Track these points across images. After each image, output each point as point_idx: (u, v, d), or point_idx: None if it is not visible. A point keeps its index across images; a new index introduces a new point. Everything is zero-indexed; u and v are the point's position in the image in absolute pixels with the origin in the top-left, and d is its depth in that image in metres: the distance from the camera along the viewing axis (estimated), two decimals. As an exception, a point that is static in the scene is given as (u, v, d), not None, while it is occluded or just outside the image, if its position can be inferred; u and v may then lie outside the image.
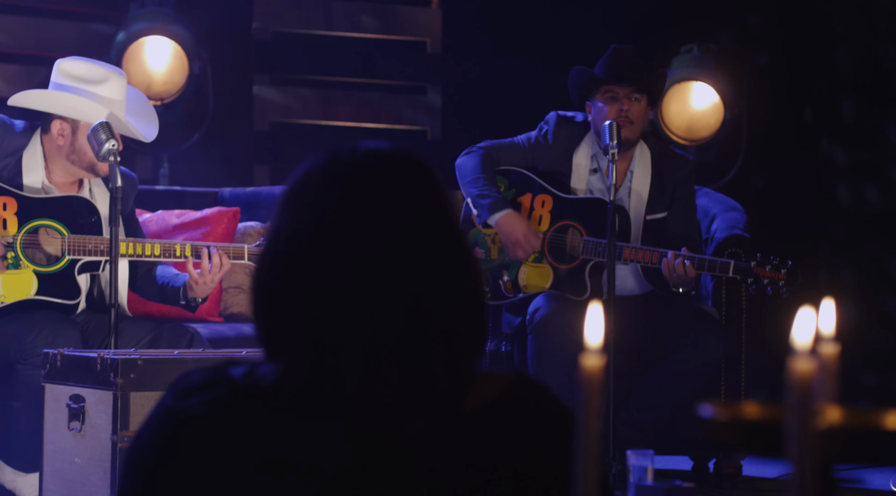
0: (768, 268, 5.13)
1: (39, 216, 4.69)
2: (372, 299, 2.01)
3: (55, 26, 7.48)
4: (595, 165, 5.46)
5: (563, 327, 5.17)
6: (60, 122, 4.79)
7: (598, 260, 5.31)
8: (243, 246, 4.85)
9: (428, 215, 2.09)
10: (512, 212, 5.35)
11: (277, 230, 2.12)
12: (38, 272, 4.68)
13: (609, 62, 5.41)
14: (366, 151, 2.14)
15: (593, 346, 1.53)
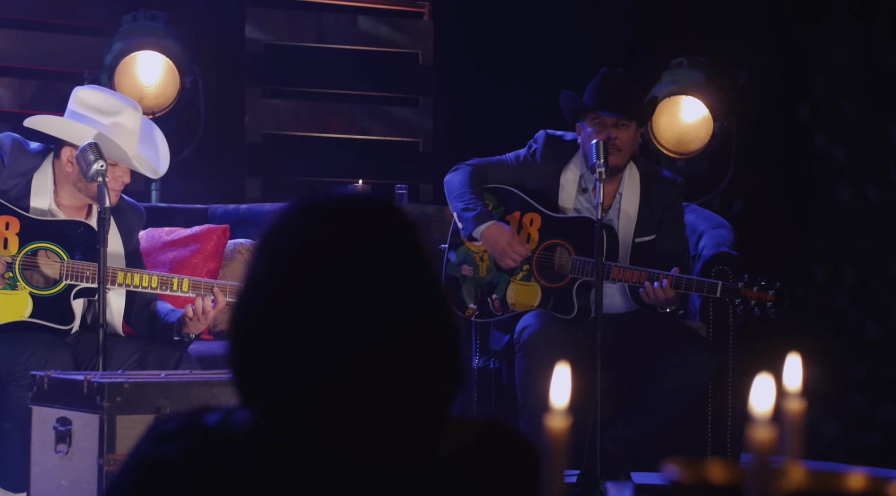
0: (756, 290, 5.14)
1: (41, 238, 4.72)
2: (346, 346, 2.02)
3: (47, 39, 7.49)
4: (584, 185, 5.47)
5: (550, 345, 5.19)
6: (71, 150, 4.82)
7: (585, 279, 5.32)
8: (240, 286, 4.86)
9: (403, 262, 2.11)
10: (496, 223, 5.36)
11: (252, 276, 2.13)
12: (34, 295, 4.69)
13: (598, 89, 5.41)
14: (340, 198, 2.16)
15: (558, 407, 1.54)
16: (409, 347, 2.04)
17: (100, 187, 4.59)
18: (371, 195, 2.18)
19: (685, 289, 5.18)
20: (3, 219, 4.70)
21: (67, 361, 4.52)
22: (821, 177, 7.20)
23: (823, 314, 6.98)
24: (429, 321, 2.08)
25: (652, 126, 7.14)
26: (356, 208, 2.16)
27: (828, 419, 6.91)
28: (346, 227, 2.13)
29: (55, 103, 7.43)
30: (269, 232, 2.18)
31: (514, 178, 5.53)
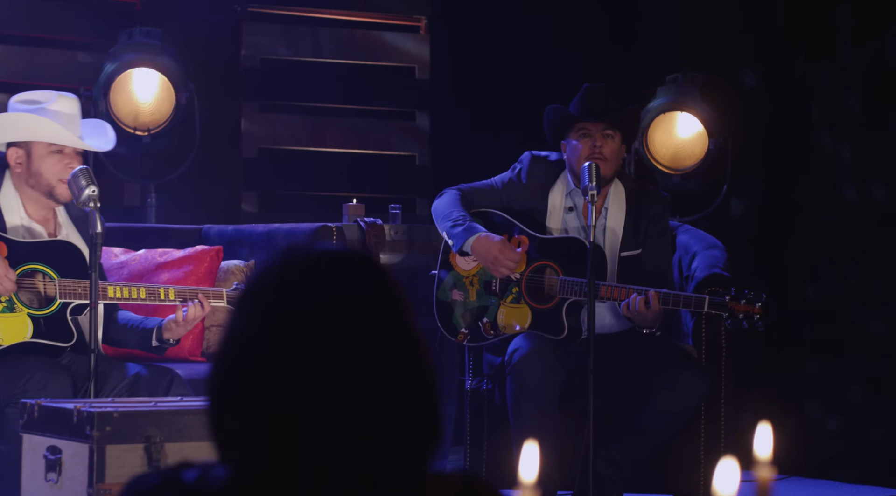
0: (743, 303, 5.15)
1: (30, 260, 4.73)
2: (324, 401, 2.03)
3: (43, 55, 7.50)
4: (570, 203, 5.48)
5: (541, 367, 5.20)
6: (14, 149, 4.83)
7: (575, 299, 5.33)
8: (222, 290, 4.88)
9: (382, 319, 2.12)
10: (484, 234, 5.37)
11: (231, 331, 2.14)
12: (33, 315, 4.71)
13: (582, 100, 5.45)
14: (318, 254, 2.17)
15: (527, 484, 1.55)
16: (392, 402, 2.04)
17: (91, 213, 4.60)
18: (349, 250, 2.18)
19: (673, 305, 5.18)
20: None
21: (66, 386, 4.54)
22: (817, 189, 7.21)
23: (821, 310, 6.99)
24: (405, 369, 2.09)
25: (647, 141, 7.15)
26: (334, 263, 2.16)
27: (830, 413, 6.92)
28: (323, 281, 2.13)
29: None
30: (248, 289, 2.19)
31: (500, 200, 5.55)
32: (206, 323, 5.56)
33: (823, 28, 7.21)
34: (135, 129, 6.94)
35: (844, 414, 6.89)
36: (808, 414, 6.96)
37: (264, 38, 7.89)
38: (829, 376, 6.95)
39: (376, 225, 6.27)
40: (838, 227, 7.07)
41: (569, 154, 5.44)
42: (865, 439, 6.81)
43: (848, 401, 6.89)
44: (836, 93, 7.13)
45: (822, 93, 7.20)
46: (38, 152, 4.80)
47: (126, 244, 5.70)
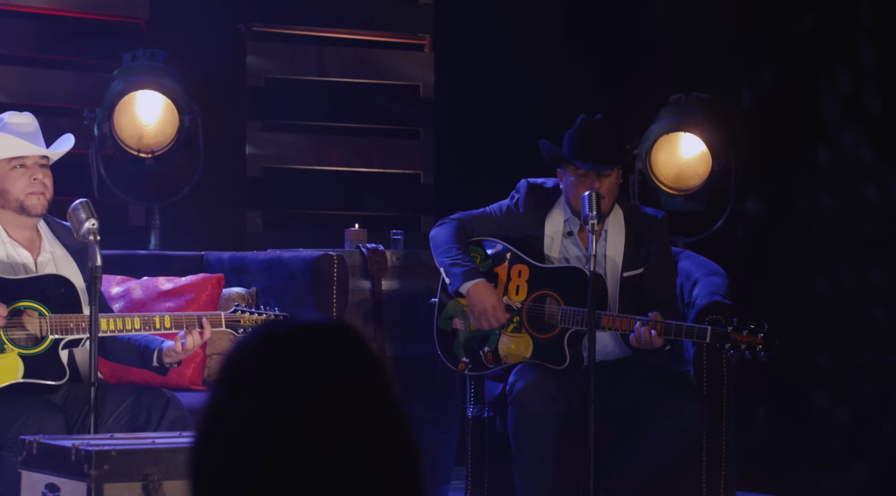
0: (745, 333, 5.16)
1: (18, 297, 4.70)
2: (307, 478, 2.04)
3: (48, 76, 7.52)
4: (569, 229, 5.49)
5: (542, 397, 5.21)
6: None
7: (576, 328, 5.34)
8: (220, 314, 4.89)
9: (366, 393, 2.13)
10: (484, 282, 5.39)
11: (213, 405, 2.15)
12: (23, 354, 4.69)
13: (576, 139, 5.42)
14: (301, 325, 2.17)
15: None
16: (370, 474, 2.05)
17: (91, 246, 4.60)
18: (332, 322, 2.19)
19: (675, 335, 5.19)
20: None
21: (59, 426, 4.54)
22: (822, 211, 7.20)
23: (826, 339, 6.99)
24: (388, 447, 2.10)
25: (650, 162, 7.15)
26: (316, 336, 2.17)
27: (839, 405, 6.92)
28: (306, 354, 2.14)
29: (54, 138, 7.45)
30: (229, 362, 2.20)
31: (499, 229, 5.55)
32: (207, 351, 5.57)
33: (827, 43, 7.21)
34: (139, 151, 6.95)
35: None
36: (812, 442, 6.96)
37: (269, 58, 7.91)
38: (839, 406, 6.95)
39: (378, 251, 6.28)
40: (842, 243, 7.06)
41: (565, 185, 5.45)
42: (871, 469, 6.81)
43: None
44: (848, 104, 7.14)
45: (830, 105, 7.20)
46: (1, 171, 4.81)
47: (127, 272, 5.71)
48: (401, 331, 6.27)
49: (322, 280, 5.47)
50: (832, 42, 7.19)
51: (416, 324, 5.93)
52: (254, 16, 7.88)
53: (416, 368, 6.22)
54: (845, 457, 6.85)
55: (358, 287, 6.21)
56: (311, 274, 5.48)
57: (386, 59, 8.12)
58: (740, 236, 7.45)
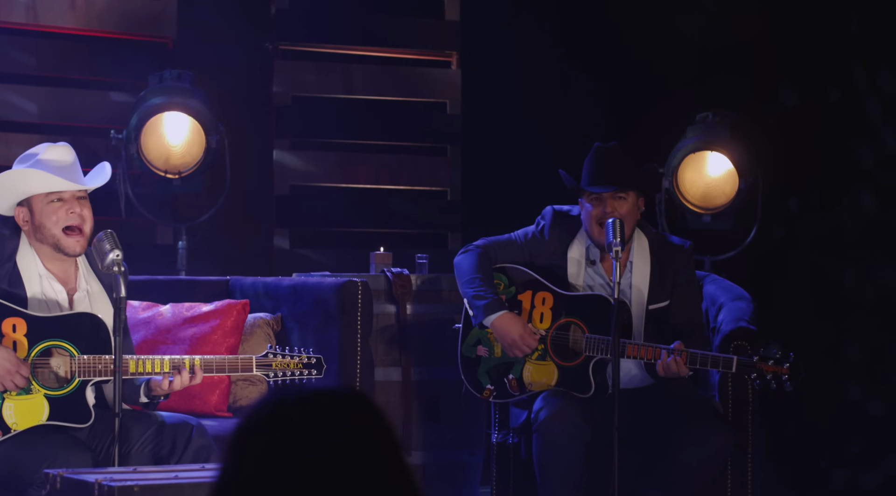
0: (771, 363, 5.14)
1: (49, 337, 4.68)
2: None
3: (76, 96, 7.55)
4: (591, 259, 5.48)
5: (567, 426, 5.21)
6: (20, 209, 4.82)
7: (601, 357, 5.33)
8: (251, 358, 4.87)
9: (375, 458, 2.13)
10: (507, 313, 5.39)
11: (224, 474, 2.16)
12: (49, 396, 4.67)
13: (590, 165, 5.43)
14: (311, 395, 2.18)
15: None
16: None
17: (116, 277, 4.60)
18: (342, 390, 2.20)
19: (700, 365, 5.18)
20: (8, 321, 4.67)
21: (86, 464, 4.54)
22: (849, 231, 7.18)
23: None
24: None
25: (677, 181, 7.14)
26: (326, 404, 2.18)
27: (871, 397, 6.89)
28: (315, 424, 2.15)
29: (83, 159, 7.48)
30: (240, 429, 2.20)
31: (522, 256, 5.54)
32: (232, 377, 5.58)
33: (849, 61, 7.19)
34: (165, 172, 6.98)
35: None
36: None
37: (296, 76, 7.92)
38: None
39: (403, 275, 6.29)
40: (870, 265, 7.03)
41: (583, 215, 5.45)
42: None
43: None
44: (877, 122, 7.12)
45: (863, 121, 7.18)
46: (39, 206, 4.80)
47: (153, 297, 5.73)
48: (426, 356, 6.28)
49: (347, 306, 5.48)
50: (866, 54, 7.17)
51: (441, 348, 5.94)
52: (281, 34, 7.89)
53: (441, 392, 6.23)
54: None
55: (383, 311, 6.22)
56: (336, 300, 5.49)
57: (413, 76, 8.13)
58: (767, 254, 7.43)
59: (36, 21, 7.48)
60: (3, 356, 4.59)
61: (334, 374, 5.45)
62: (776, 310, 7.02)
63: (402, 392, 6.23)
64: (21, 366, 4.61)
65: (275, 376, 4.89)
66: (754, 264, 7.19)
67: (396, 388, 6.25)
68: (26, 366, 4.62)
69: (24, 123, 7.48)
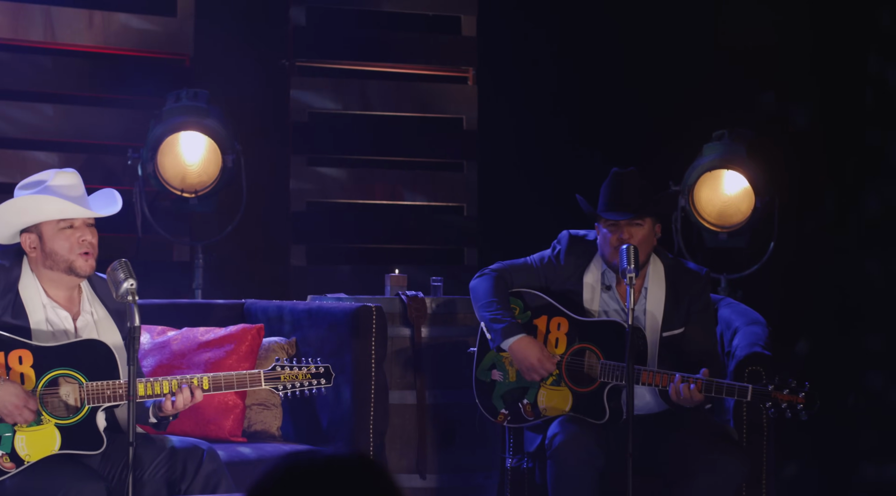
0: (786, 392, 5.13)
1: (56, 365, 4.68)
2: None
3: (93, 114, 7.57)
4: (607, 282, 5.48)
5: (581, 452, 5.21)
6: (27, 235, 4.80)
7: (616, 383, 5.33)
8: (259, 372, 4.88)
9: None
10: (525, 336, 5.39)
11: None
12: (60, 425, 4.68)
13: (607, 191, 5.43)
14: (323, 460, 2.19)
15: None
16: None
17: (130, 306, 4.60)
18: (353, 456, 2.21)
19: (716, 392, 5.17)
20: (14, 354, 4.67)
21: (100, 495, 4.55)
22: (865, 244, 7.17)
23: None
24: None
25: (693, 199, 7.13)
26: (338, 471, 2.19)
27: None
28: (326, 490, 2.16)
29: (100, 177, 7.52)
30: (252, 493, 2.22)
31: (538, 280, 5.55)
32: (246, 401, 5.59)
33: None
34: (182, 190, 7.00)
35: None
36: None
37: (312, 92, 7.93)
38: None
39: (417, 298, 6.29)
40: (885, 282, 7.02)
41: (600, 240, 5.45)
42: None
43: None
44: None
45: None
46: (49, 232, 4.80)
47: (168, 321, 5.74)
48: (440, 379, 6.29)
49: (361, 331, 5.49)
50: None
51: (456, 371, 5.94)
52: (297, 51, 7.91)
53: (456, 415, 6.24)
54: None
55: (397, 334, 6.23)
56: (350, 325, 5.50)
57: (429, 91, 8.14)
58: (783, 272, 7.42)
59: (53, 39, 7.50)
60: (10, 391, 4.60)
61: (349, 399, 5.46)
62: (793, 329, 7.01)
63: (417, 415, 6.24)
64: (29, 400, 4.62)
65: (284, 389, 4.90)
66: (771, 282, 7.18)
67: (411, 411, 6.25)
68: (34, 399, 4.63)
69: (42, 141, 7.50)
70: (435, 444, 6.28)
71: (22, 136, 7.44)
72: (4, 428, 4.63)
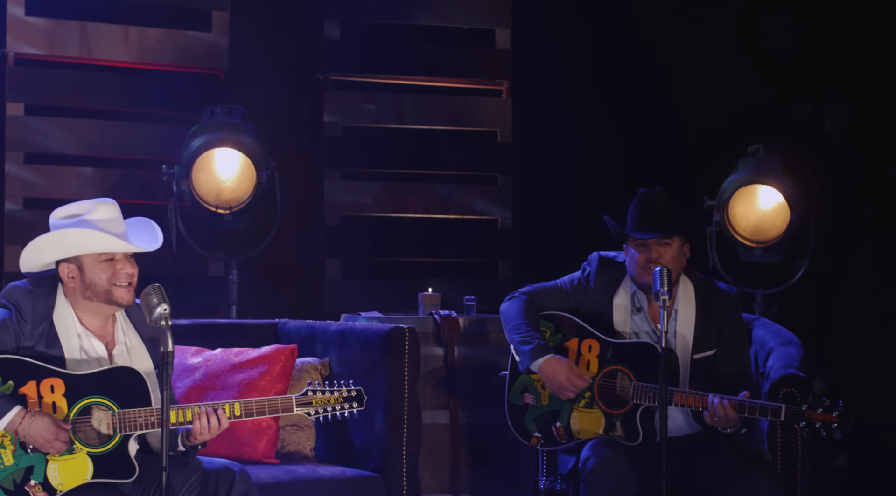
0: (820, 411, 5.11)
1: (88, 393, 4.69)
2: None
3: (129, 129, 7.60)
4: (637, 304, 5.47)
5: (614, 474, 5.19)
6: (66, 265, 4.80)
7: (649, 405, 5.31)
8: (290, 398, 4.88)
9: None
10: (553, 356, 5.38)
11: None
12: (92, 454, 4.70)
13: (635, 212, 5.42)
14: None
15: None
16: None
17: (164, 331, 4.61)
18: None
19: (748, 413, 5.15)
20: (46, 383, 4.68)
21: None
22: None
23: None
24: None
25: (728, 214, 7.12)
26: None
27: None
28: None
29: (135, 192, 7.55)
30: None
31: (568, 303, 5.54)
32: (280, 423, 5.60)
33: None
34: (217, 207, 7.03)
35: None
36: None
37: (346, 106, 7.95)
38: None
39: (451, 318, 6.29)
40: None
41: (628, 261, 5.44)
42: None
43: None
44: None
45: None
46: (90, 263, 4.81)
47: (202, 342, 5.76)
48: (474, 399, 6.29)
49: (394, 352, 5.49)
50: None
51: (489, 391, 5.94)
52: (331, 65, 7.92)
53: (489, 435, 6.23)
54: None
55: (431, 354, 6.23)
56: (382, 347, 5.50)
57: (464, 105, 8.14)
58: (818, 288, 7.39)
59: (89, 55, 7.54)
60: (42, 424, 4.62)
61: (382, 421, 5.46)
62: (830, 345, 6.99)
63: (451, 435, 6.24)
64: (60, 432, 4.63)
65: (316, 413, 4.91)
66: (806, 297, 7.15)
67: (444, 431, 6.25)
68: (66, 430, 4.64)
69: (77, 156, 7.53)
70: (468, 464, 6.28)
71: (58, 151, 7.47)
72: (37, 457, 4.65)
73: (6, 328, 4.72)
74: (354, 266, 8.03)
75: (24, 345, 4.73)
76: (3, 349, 4.70)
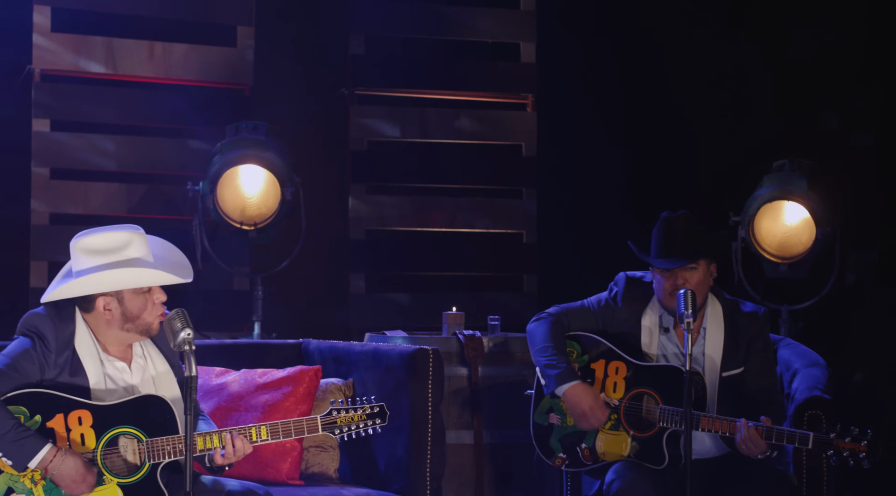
0: (848, 440, 5.09)
1: (115, 424, 4.69)
2: None
3: (154, 145, 7.62)
4: (665, 325, 5.45)
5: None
6: (103, 298, 4.79)
7: (675, 429, 5.30)
8: (315, 419, 4.89)
9: None
10: (579, 383, 5.37)
11: None
12: (122, 484, 4.69)
13: (657, 238, 5.38)
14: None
15: None
16: None
17: (188, 356, 4.60)
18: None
19: (776, 440, 5.13)
20: (73, 415, 4.68)
21: None
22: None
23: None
24: None
25: (753, 230, 7.10)
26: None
27: None
28: None
29: (160, 207, 7.57)
30: None
31: (595, 323, 5.52)
32: (304, 444, 5.60)
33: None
34: (241, 223, 7.04)
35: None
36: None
37: (371, 120, 7.95)
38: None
39: (475, 338, 6.29)
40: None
41: (655, 284, 5.43)
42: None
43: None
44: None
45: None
46: (130, 296, 4.80)
47: (226, 362, 5.76)
48: (498, 419, 6.28)
49: (418, 374, 5.49)
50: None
51: (514, 411, 5.93)
52: (356, 79, 7.93)
53: (513, 456, 6.23)
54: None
55: (454, 374, 6.23)
56: (406, 368, 5.50)
57: (488, 119, 8.13)
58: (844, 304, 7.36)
59: (115, 70, 7.56)
60: (73, 465, 4.62)
61: (406, 442, 5.46)
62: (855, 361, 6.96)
63: (475, 455, 6.24)
64: (88, 475, 4.63)
65: (341, 432, 4.92)
66: (832, 313, 7.13)
67: (469, 451, 6.25)
68: (93, 473, 4.64)
69: (103, 172, 7.55)
70: (492, 484, 6.27)
71: (84, 167, 7.49)
72: (68, 491, 4.67)
73: (30, 358, 4.72)
74: (379, 280, 8.03)
75: (48, 376, 4.73)
76: (27, 381, 4.69)
